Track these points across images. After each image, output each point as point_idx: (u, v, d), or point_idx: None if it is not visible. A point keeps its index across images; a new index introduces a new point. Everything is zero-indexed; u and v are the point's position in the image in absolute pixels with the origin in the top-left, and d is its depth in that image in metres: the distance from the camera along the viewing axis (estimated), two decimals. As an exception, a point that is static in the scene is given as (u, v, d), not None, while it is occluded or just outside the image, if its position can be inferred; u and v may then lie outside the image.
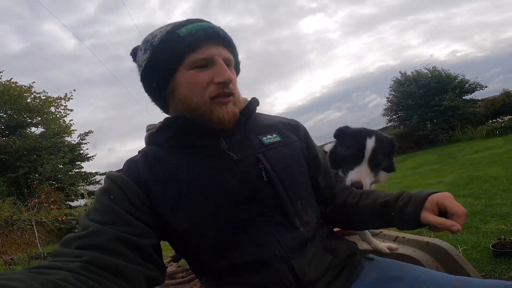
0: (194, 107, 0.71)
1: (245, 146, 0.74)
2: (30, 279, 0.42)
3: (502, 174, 4.97)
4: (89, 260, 0.52)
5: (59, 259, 0.53)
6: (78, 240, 0.57)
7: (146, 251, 0.61)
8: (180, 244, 0.73)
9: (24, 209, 8.06)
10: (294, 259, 0.68)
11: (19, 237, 6.91)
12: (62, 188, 11.85)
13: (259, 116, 0.85)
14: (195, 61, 0.70)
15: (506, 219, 3.03)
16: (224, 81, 0.70)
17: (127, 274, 0.55)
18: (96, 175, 14.88)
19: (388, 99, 17.79)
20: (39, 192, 9.47)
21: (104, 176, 7.22)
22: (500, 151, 7.52)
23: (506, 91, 17.46)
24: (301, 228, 0.72)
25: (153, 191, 0.68)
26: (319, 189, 0.85)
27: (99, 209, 0.63)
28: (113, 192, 0.65)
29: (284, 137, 0.80)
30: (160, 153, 0.73)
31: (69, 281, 0.46)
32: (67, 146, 13.85)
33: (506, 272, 2.00)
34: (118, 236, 0.58)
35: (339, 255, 0.75)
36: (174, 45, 0.70)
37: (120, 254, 0.56)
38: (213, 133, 0.73)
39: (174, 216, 0.68)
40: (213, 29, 0.72)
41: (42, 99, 13.29)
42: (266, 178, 0.70)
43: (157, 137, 0.77)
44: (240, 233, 0.68)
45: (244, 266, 0.67)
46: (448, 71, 16.10)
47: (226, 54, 0.73)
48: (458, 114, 15.05)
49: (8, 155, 11.73)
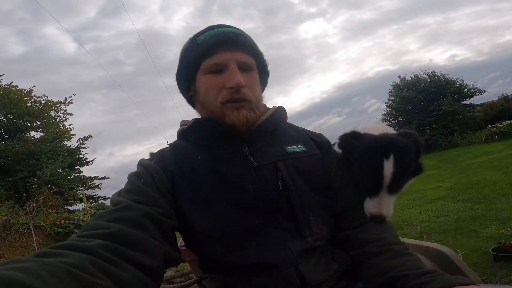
0: (210, 110, 0.76)
1: (267, 154, 0.76)
2: (38, 268, 0.40)
3: (501, 179, 4.98)
4: (114, 233, 0.54)
5: (85, 232, 0.55)
6: (110, 213, 0.60)
7: (168, 232, 0.65)
8: (191, 238, 0.75)
9: (22, 213, 8.03)
10: (301, 264, 0.69)
11: (17, 241, 6.88)
12: (60, 192, 11.82)
13: (286, 125, 0.86)
14: (209, 66, 0.73)
15: (506, 223, 3.03)
16: (233, 86, 0.71)
17: (151, 249, 0.57)
18: (95, 179, 14.88)
19: (387, 104, 17.86)
20: (38, 196, 9.45)
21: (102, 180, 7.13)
22: (500, 156, 7.54)
23: (505, 95, 17.56)
24: (309, 238, 0.72)
25: (177, 183, 0.72)
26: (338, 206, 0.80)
27: (131, 189, 0.67)
28: (143, 176, 0.69)
29: (309, 148, 0.81)
30: (188, 149, 0.78)
31: (83, 266, 0.45)
32: (67, 151, 13.85)
33: (506, 276, 1.99)
34: (148, 213, 0.61)
35: (344, 262, 0.76)
36: (192, 52, 0.76)
37: (147, 230, 0.59)
38: (238, 137, 0.75)
39: (191, 210, 0.70)
40: (228, 34, 0.74)
41: (42, 103, 13.30)
42: (281, 187, 0.71)
43: (187, 133, 0.81)
44: (250, 236, 0.69)
45: (252, 267, 0.69)
46: (447, 76, 16.21)
47: (243, 58, 0.75)
48: (457, 119, 15.10)
49: (7, 159, 11.70)
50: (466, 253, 2.42)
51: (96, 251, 0.49)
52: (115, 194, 0.68)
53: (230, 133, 0.74)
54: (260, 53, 0.81)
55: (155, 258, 0.57)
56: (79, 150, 14.81)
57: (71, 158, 13.81)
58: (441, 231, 3.28)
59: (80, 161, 14.77)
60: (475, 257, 2.39)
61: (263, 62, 0.82)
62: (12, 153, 11.60)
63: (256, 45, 0.80)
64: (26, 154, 11.87)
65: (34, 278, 0.38)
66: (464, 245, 2.64)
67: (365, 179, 0.76)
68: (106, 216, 0.59)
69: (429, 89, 15.76)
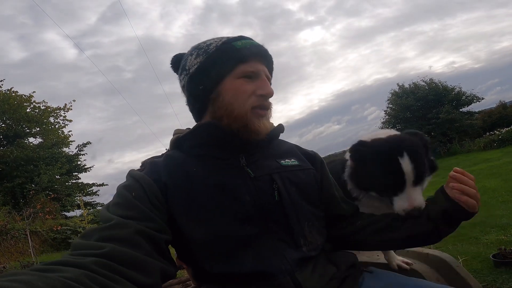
0: (236, 114, 0.75)
1: (263, 166, 0.78)
2: (36, 280, 0.41)
3: (500, 186, 4.98)
4: (108, 253, 0.52)
5: (77, 252, 0.53)
6: (100, 231, 0.58)
7: (162, 246, 0.63)
8: (185, 249, 0.74)
9: (19, 218, 7.97)
10: (297, 272, 0.69)
11: (13, 246, 6.82)
12: (58, 199, 11.76)
13: (279, 141, 0.89)
14: (245, 71, 0.76)
15: (506, 229, 3.03)
16: (266, 94, 0.77)
17: (146, 267, 0.56)
18: (93, 186, 14.80)
19: (386, 112, 17.93)
20: (35, 202, 9.39)
21: (100, 187, 7.04)
22: (498, 163, 7.55)
23: (503, 103, 17.66)
24: (304, 247, 0.73)
25: (170, 194, 0.70)
26: (331, 217, 0.86)
27: (121, 204, 0.65)
28: (134, 189, 0.68)
29: (302, 162, 0.84)
30: (182, 159, 0.76)
31: (80, 281, 0.44)
32: (65, 157, 13.80)
33: (507, 282, 1.99)
34: (140, 230, 0.59)
35: (341, 266, 0.77)
36: (229, 54, 0.77)
37: (140, 247, 0.58)
38: (235, 148, 0.77)
39: (185, 222, 0.69)
40: (262, 47, 0.81)
41: (42, 109, 13.31)
42: (277, 198, 0.73)
43: (182, 142, 0.80)
44: (246, 246, 0.69)
45: (249, 277, 0.68)
46: (445, 83, 16.32)
47: (267, 72, 0.82)
48: (456, 126, 15.17)
49: (5, 164, 11.65)
50: (466, 260, 2.41)
51: (91, 267, 0.49)
52: (104, 208, 0.67)
53: (230, 141, 0.76)
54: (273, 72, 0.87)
55: (151, 276, 0.56)
56: (77, 157, 14.77)
57: (70, 164, 13.76)
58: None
59: (79, 168, 14.71)
60: (475, 264, 2.38)
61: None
62: (10, 158, 11.56)
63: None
64: (24, 160, 11.82)
65: None
66: (464, 252, 2.63)
67: (386, 180, 0.79)
68: (97, 234, 0.57)
69: (428, 97, 15.85)
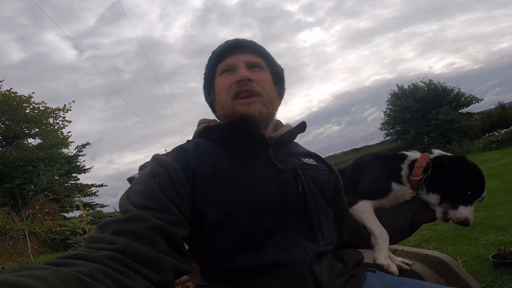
0: (224, 106, 0.81)
1: (288, 161, 0.80)
2: (50, 275, 0.40)
3: (500, 187, 5.00)
4: (122, 248, 0.52)
5: (92, 245, 0.53)
6: (117, 224, 0.58)
7: (177, 241, 0.63)
8: (202, 240, 0.73)
9: (18, 219, 7.95)
10: (315, 265, 0.71)
11: (12, 247, 6.81)
12: (57, 200, 11.73)
13: (298, 144, 0.94)
14: (222, 67, 0.83)
15: (505, 230, 3.03)
16: (240, 79, 0.78)
17: (158, 264, 0.56)
18: (92, 186, 14.77)
19: (385, 113, 17.94)
20: (34, 202, 9.37)
21: (100, 188, 6.98)
22: (498, 164, 7.57)
23: (502, 104, 17.67)
24: (321, 241, 0.76)
25: (198, 181, 0.71)
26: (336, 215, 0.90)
27: (143, 192, 0.65)
28: (160, 176, 0.67)
29: (319, 163, 0.89)
30: (211, 147, 0.79)
31: (94, 275, 0.45)
32: (64, 158, 13.78)
33: (507, 283, 1.99)
34: (156, 224, 0.59)
35: (348, 263, 0.80)
36: (211, 60, 0.86)
37: (154, 243, 0.57)
38: (263, 142, 0.79)
39: (211, 207, 0.70)
40: (237, 40, 0.84)
41: (41, 110, 13.30)
42: (301, 191, 0.75)
43: (212, 132, 0.83)
44: (266, 237, 0.70)
45: (264, 268, 0.68)
46: (444, 84, 16.33)
47: (251, 58, 0.83)
48: (455, 127, 15.18)
49: (4, 165, 11.63)
50: (465, 261, 2.41)
51: (105, 261, 0.49)
52: (124, 196, 0.66)
53: (259, 136, 0.78)
54: (270, 55, 0.88)
55: (164, 273, 0.56)
56: (76, 158, 14.75)
57: (69, 165, 13.74)
58: (440, 239, 3.28)
59: (78, 169, 14.69)
60: (474, 265, 2.38)
61: (274, 64, 0.88)
62: (10, 159, 11.54)
63: (267, 51, 0.88)
64: (24, 160, 11.81)
65: (44, 284, 0.38)
66: (464, 253, 2.63)
67: (467, 190, 0.96)
68: (112, 227, 0.57)
69: (427, 98, 15.87)
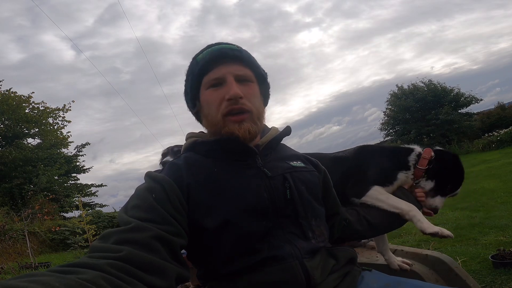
0: (213, 123, 0.79)
1: (276, 166, 0.81)
2: (54, 281, 0.41)
3: (499, 187, 5.00)
4: (125, 256, 0.53)
5: (95, 254, 0.54)
6: (119, 234, 0.59)
7: (177, 251, 0.64)
8: (200, 247, 0.75)
9: (17, 219, 7.95)
10: (306, 259, 0.73)
11: (11, 247, 6.81)
12: (57, 200, 11.72)
13: (285, 146, 0.94)
14: (209, 81, 0.78)
15: (505, 230, 3.03)
16: (230, 97, 0.75)
17: (162, 271, 0.57)
18: (92, 186, 14.76)
19: (385, 113, 17.94)
20: (33, 202, 9.36)
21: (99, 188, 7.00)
22: (497, 164, 7.58)
23: (501, 104, 17.68)
24: (313, 240, 0.78)
25: (192, 194, 0.73)
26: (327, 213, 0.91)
27: (141, 206, 0.66)
28: (155, 191, 0.69)
29: (307, 165, 0.89)
30: (201, 160, 0.79)
31: (97, 282, 0.45)
32: (64, 158, 13.77)
33: (506, 283, 1.98)
34: (158, 234, 0.60)
35: (340, 260, 0.81)
36: (193, 70, 0.81)
37: (156, 252, 0.59)
38: (251, 151, 0.79)
39: (208, 216, 0.72)
40: (224, 50, 0.78)
41: (41, 110, 13.29)
42: (289, 196, 0.77)
43: (200, 146, 0.83)
44: (260, 239, 0.73)
45: (258, 264, 0.71)
46: (444, 84, 16.34)
47: (240, 71, 0.79)
48: (455, 128, 15.19)
49: (4, 165, 11.63)
50: (465, 261, 2.41)
51: (108, 269, 0.49)
52: (122, 210, 0.67)
53: (247, 149, 0.78)
54: (258, 65, 0.84)
55: (167, 280, 0.57)
56: (76, 158, 14.74)
57: (68, 165, 13.73)
58: (440, 239, 3.26)
59: (77, 169, 14.68)
60: (474, 265, 2.38)
61: (261, 73, 0.85)
62: (9, 159, 11.54)
63: (253, 58, 0.84)
64: (23, 160, 11.81)
65: None
66: (463, 253, 2.63)
67: (453, 187, 1.12)
68: (114, 237, 0.58)
69: (427, 98, 15.88)
